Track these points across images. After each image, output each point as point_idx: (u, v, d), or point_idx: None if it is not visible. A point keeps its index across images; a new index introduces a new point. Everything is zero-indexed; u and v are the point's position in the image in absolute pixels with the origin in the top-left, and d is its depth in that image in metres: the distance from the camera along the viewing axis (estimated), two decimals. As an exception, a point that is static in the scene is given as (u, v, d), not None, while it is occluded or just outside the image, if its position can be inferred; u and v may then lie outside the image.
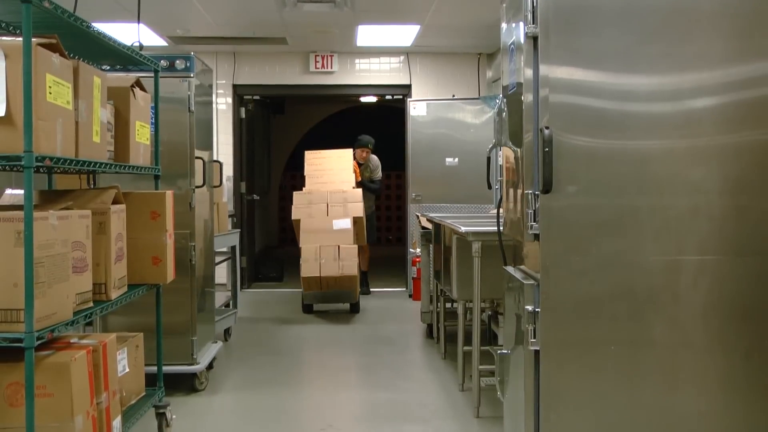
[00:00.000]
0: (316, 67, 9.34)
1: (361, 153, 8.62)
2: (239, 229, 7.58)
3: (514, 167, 3.03)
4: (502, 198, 3.32)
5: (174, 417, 4.00)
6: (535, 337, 2.71)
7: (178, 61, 4.81)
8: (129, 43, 3.76)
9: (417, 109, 8.68)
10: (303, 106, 13.12)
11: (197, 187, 4.91)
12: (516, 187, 2.97)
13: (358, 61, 9.44)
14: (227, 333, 6.39)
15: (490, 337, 4.99)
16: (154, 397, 3.82)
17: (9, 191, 3.67)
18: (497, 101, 4.15)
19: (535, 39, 2.69)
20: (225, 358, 5.78)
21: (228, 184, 8.96)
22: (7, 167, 2.82)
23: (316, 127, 13.23)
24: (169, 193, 3.79)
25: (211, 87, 5.55)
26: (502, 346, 3.59)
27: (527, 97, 2.77)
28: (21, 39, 2.55)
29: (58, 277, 2.71)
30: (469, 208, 7.84)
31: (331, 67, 9.35)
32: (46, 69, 2.65)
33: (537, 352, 2.71)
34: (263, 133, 11.85)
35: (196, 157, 4.92)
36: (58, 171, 3.53)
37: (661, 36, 2.68)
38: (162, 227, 3.68)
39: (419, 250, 6.97)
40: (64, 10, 2.83)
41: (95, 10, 6.47)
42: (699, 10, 2.68)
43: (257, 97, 10.19)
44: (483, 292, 4.26)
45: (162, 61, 4.39)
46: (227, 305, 6.82)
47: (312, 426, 4.33)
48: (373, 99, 11.12)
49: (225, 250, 6.78)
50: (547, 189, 2.65)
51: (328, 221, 7.42)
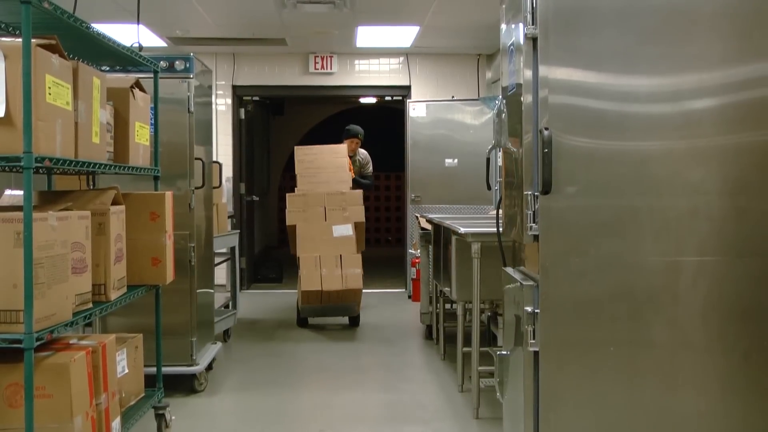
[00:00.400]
0: (316, 68, 9.34)
1: (350, 144, 7.90)
2: (239, 230, 7.58)
3: (513, 168, 3.03)
4: (501, 199, 3.32)
5: (173, 418, 4.00)
6: (534, 338, 2.71)
7: (177, 62, 4.81)
8: (128, 43, 3.76)
9: (416, 110, 8.69)
10: (302, 107, 13.12)
11: (197, 188, 4.91)
12: (515, 188, 2.97)
13: (357, 62, 9.44)
14: (226, 334, 6.39)
15: (489, 338, 4.98)
16: (154, 398, 3.82)
17: (8, 192, 3.67)
18: (497, 102, 4.15)
19: (534, 40, 2.69)
20: (224, 359, 5.78)
21: (227, 185, 8.95)
22: (6, 168, 2.82)
23: (315, 128, 13.23)
24: (169, 194, 3.79)
25: (210, 88, 5.55)
26: (501, 347, 3.59)
27: (527, 98, 2.77)
28: (20, 40, 2.55)
29: (57, 278, 2.71)
30: (468, 209, 7.85)
31: (331, 68, 9.35)
32: (45, 70, 2.65)
33: (536, 353, 2.71)
34: (263, 134, 11.85)
35: (196, 158, 4.92)
36: (58, 172, 3.53)
37: (660, 37, 2.69)
38: (161, 228, 3.68)
39: (418, 251, 6.97)
40: (63, 10, 2.83)
41: (95, 10, 6.48)
42: (698, 11, 2.68)
43: (257, 98, 10.19)
44: (482, 293, 4.26)
45: (161, 62, 4.39)
46: (227, 306, 6.83)
47: (311, 427, 4.33)
48: (372, 100, 11.13)
49: (224, 251, 6.78)
50: (546, 190, 2.65)
51: (327, 227, 6.75)
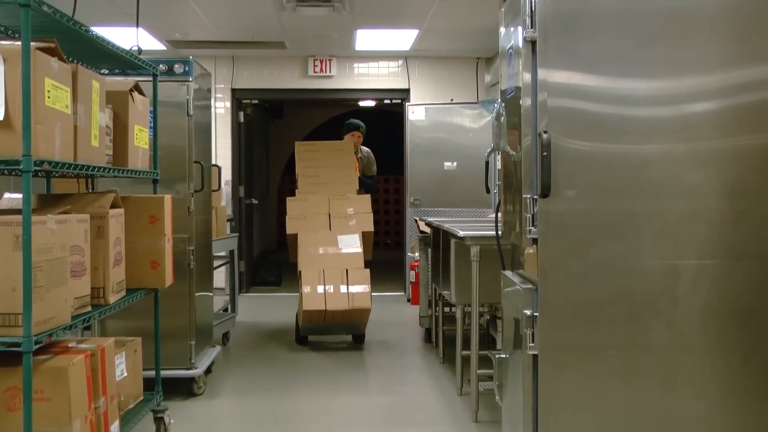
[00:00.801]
0: (315, 71, 9.34)
1: (352, 138, 7.06)
2: (238, 234, 7.57)
3: (512, 171, 3.03)
4: (500, 202, 3.32)
5: (172, 421, 3.99)
6: (533, 342, 2.70)
7: (176, 65, 4.81)
8: (128, 47, 3.76)
9: (415, 113, 8.69)
10: (301, 110, 13.12)
11: (196, 191, 4.91)
12: (514, 191, 2.97)
13: (356, 65, 9.45)
14: (225, 337, 6.38)
15: (488, 341, 4.97)
16: (152, 401, 3.82)
17: (7, 195, 3.66)
18: (496, 105, 4.15)
19: (533, 43, 2.69)
20: (223, 363, 5.77)
21: (226, 188, 8.96)
22: (5, 171, 2.82)
23: (314, 132, 13.23)
24: (168, 198, 3.78)
25: (209, 91, 5.55)
26: (500, 350, 3.59)
27: (526, 101, 2.77)
28: (20, 43, 2.55)
29: (56, 282, 2.70)
30: (467, 213, 7.85)
31: (330, 71, 9.36)
32: (44, 73, 2.65)
33: (535, 357, 2.71)
34: (262, 137, 11.85)
35: (195, 162, 4.92)
36: (57, 175, 3.53)
37: (659, 40, 2.69)
38: (160, 231, 3.67)
39: (418, 254, 6.97)
40: (62, 14, 2.83)
41: (94, 14, 6.48)
42: (697, 15, 2.68)
43: (256, 101, 10.19)
44: (481, 296, 4.26)
45: (161, 65, 4.39)
46: (226, 309, 6.82)
47: (310, 430, 4.32)
48: (371, 103, 11.14)
49: (223, 254, 6.77)
50: (545, 193, 2.65)
51: (332, 237, 6.00)
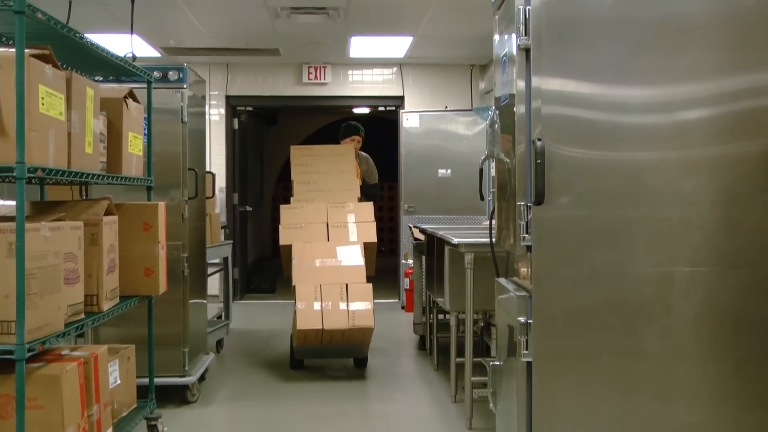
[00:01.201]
0: (309, 79, 9.35)
1: (352, 143, 6.45)
2: (232, 241, 7.57)
3: (506, 179, 3.03)
4: (494, 209, 3.33)
5: (166, 429, 3.98)
6: (527, 349, 2.71)
7: (171, 72, 4.81)
8: (122, 54, 3.77)
9: (410, 120, 8.71)
10: (296, 117, 13.13)
11: (190, 198, 4.91)
12: (508, 198, 2.97)
13: (351, 72, 9.46)
14: (219, 344, 6.36)
15: (482, 348, 4.98)
16: (146, 409, 3.81)
17: (1, 202, 3.66)
18: (490, 113, 4.16)
19: (527, 51, 2.70)
20: (217, 370, 5.76)
21: (221, 195, 8.96)
22: (-2, 178, 2.81)
23: (309, 138, 13.24)
24: (162, 205, 3.78)
25: (204, 98, 5.55)
26: (494, 357, 3.59)
27: (519, 109, 2.78)
28: (14, 50, 2.55)
29: (49, 289, 2.70)
30: (461, 220, 7.86)
31: (324, 79, 9.37)
32: (38, 80, 2.65)
33: (529, 364, 2.71)
34: (256, 144, 11.84)
35: (189, 169, 4.91)
36: (51, 182, 3.53)
37: (652, 48, 2.70)
38: (154, 238, 3.67)
39: (412, 261, 6.96)
40: (57, 21, 2.83)
41: (88, 21, 6.48)
42: (690, 23, 2.69)
43: (250, 108, 10.19)
44: (475, 303, 4.26)
45: (155, 72, 4.40)
46: (219, 317, 6.81)
47: (304, 438, 4.32)
48: (365, 110, 11.15)
49: (217, 261, 6.77)
50: (539, 200, 2.65)
51: (330, 248, 5.48)
